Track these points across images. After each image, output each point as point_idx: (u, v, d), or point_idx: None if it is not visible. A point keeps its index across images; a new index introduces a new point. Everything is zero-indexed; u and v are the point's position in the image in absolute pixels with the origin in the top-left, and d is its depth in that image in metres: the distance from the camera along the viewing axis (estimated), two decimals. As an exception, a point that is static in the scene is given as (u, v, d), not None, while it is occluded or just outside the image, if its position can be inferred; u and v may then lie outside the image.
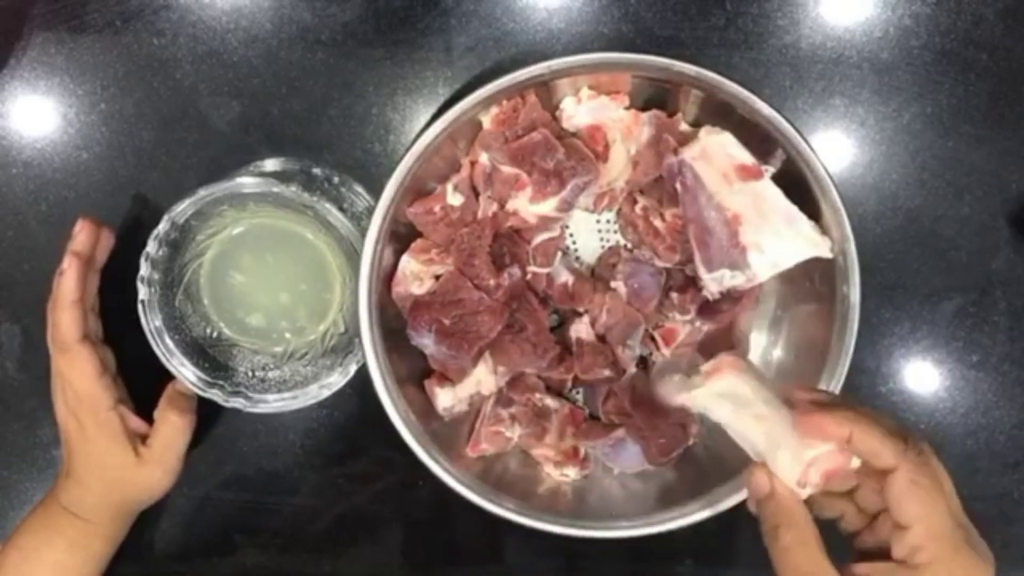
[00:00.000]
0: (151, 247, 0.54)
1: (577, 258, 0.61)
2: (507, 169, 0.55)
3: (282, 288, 0.60)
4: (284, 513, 0.65)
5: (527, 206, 0.55)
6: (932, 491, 0.38)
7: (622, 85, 0.56)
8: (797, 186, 0.52)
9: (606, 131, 0.56)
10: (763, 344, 0.60)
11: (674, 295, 0.58)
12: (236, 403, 0.56)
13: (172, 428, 0.57)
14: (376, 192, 0.53)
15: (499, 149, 0.54)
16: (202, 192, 0.53)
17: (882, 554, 0.40)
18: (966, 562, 0.38)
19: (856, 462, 0.40)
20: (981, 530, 0.41)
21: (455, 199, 0.56)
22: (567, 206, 0.55)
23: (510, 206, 0.56)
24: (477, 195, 0.57)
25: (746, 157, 0.52)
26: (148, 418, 0.58)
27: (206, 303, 0.60)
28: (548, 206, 0.55)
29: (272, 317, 0.60)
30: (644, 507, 0.56)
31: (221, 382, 0.57)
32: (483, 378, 0.58)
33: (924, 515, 0.38)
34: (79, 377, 0.54)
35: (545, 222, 0.56)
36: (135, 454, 0.56)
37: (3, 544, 0.57)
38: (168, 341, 0.56)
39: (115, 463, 0.56)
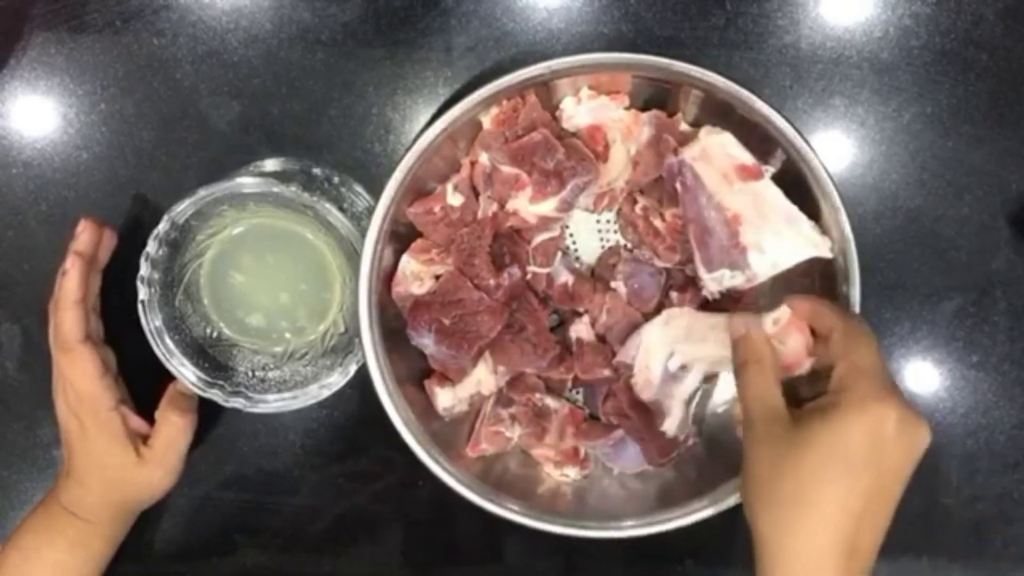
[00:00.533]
0: (151, 247, 0.54)
1: (577, 258, 0.61)
2: (507, 169, 0.55)
3: (282, 288, 0.60)
4: (284, 513, 0.65)
5: (527, 206, 0.55)
6: (862, 339, 0.45)
7: (622, 85, 0.56)
8: (797, 186, 0.52)
9: (606, 131, 0.56)
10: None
11: (674, 295, 0.58)
12: (236, 403, 0.56)
13: (173, 428, 0.57)
14: (376, 192, 0.53)
15: (499, 149, 0.54)
16: (202, 192, 0.53)
17: None
18: (882, 396, 0.42)
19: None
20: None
21: (455, 199, 0.56)
22: (567, 206, 0.55)
23: (510, 206, 0.56)
24: (477, 195, 0.57)
25: (746, 157, 0.52)
26: (149, 418, 0.58)
27: (206, 303, 0.60)
28: (548, 206, 0.55)
29: (272, 317, 0.60)
30: (644, 507, 0.56)
31: (221, 382, 0.57)
32: (483, 378, 0.58)
33: (852, 353, 0.44)
34: (80, 377, 0.54)
35: (545, 222, 0.56)
36: (136, 454, 0.56)
37: (3, 544, 0.57)
38: (168, 341, 0.56)
39: (116, 463, 0.56)
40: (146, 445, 0.57)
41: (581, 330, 0.59)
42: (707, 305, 0.57)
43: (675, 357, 0.54)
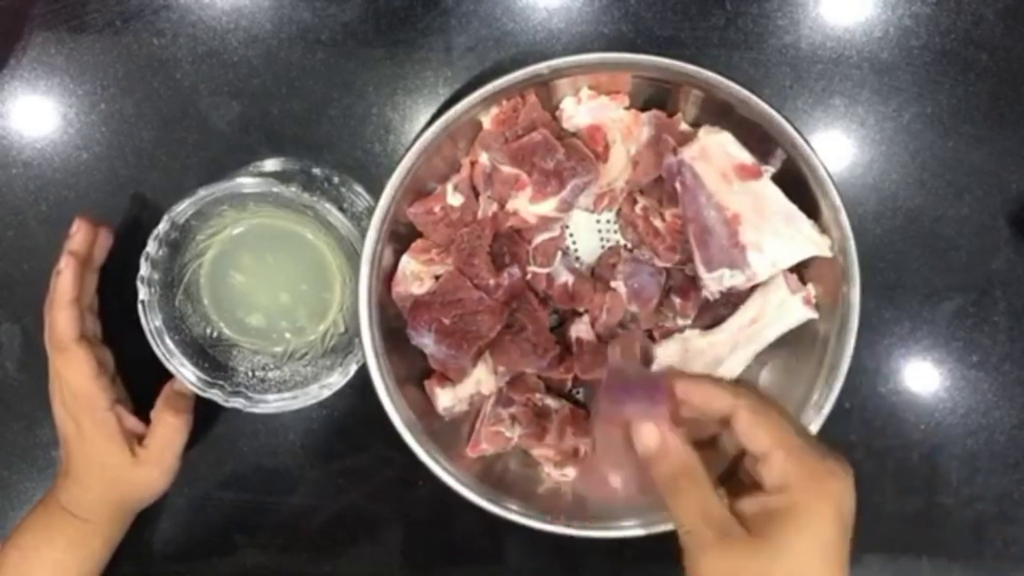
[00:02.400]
0: (151, 247, 0.54)
1: (577, 258, 0.61)
2: (507, 169, 0.55)
3: (282, 288, 0.60)
4: (284, 513, 0.65)
5: (527, 206, 0.55)
6: (775, 416, 0.41)
7: (622, 85, 0.56)
8: (797, 186, 0.52)
9: (606, 131, 0.56)
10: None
11: (675, 298, 0.58)
12: (236, 403, 0.56)
13: (168, 428, 0.57)
14: (376, 192, 0.53)
15: (499, 149, 0.54)
16: (202, 192, 0.53)
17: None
18: (830, 472, 0.40)
19: None
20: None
21: (455, 199, 0.56)
22: (567, 206, 0.55)
23: (510, 206, 0.56)
24: (477, 195, 0.57)
25: (746, 157, 0.52)
26: (149, 418, 0.58)
27: (206, 303, 0.60)
28: (548, 206, 0.55)
29: (272, 317, 0.60)
30: (644, 507, 0.56)
31: (221, 382, 0.57)
32: (483, 378, 0.58)
33: (777, 439, 0.40)
34: (76, 376, 0.54)
35: (545, 222, 0.56)
36: (132, 454, 0.56)
37: (3, 543, 0.57)
38: (168, 341, 0.56)
39: (112, 463, 0.56)
40: (142, 445, 0.57)
41: (581, 330, 0.59)
42: (705, 307, 0.57)
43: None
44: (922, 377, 0.64)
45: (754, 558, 0.39)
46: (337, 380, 0.56)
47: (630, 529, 0.54)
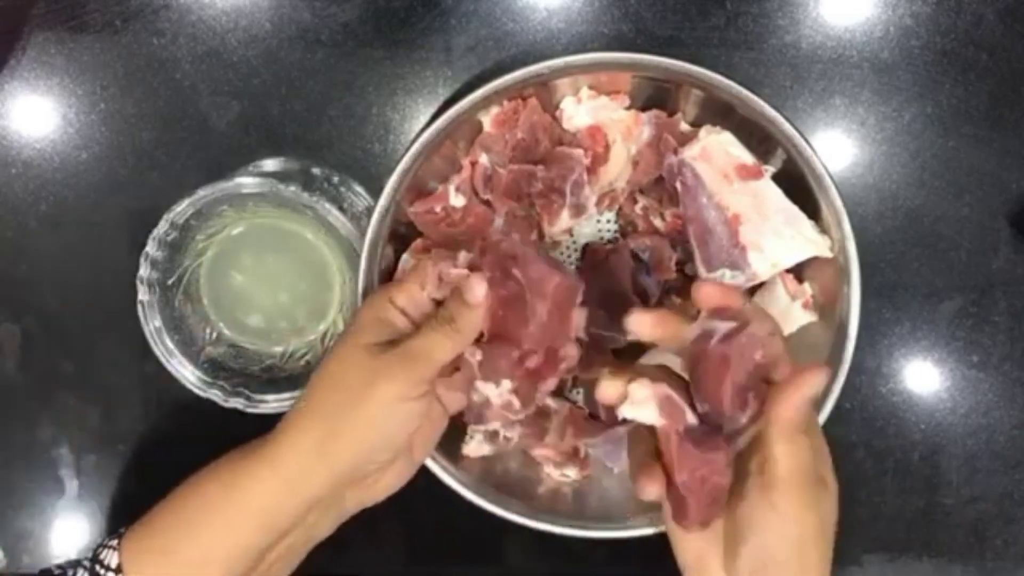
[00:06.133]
0: (150, 247, 0.54)
1: (579, 260, 0.61)
2: (518, 213, 0.56)
3: (282, 288, 0.60)
4: (284, 513, 0.65)
5: (549, 230, 0.57)
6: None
7: (622, 85, 0.56)
8: (797, 186, 0.52)
9: (606, 131, 0.56)
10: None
11: (675, 298, 0.58)
12: (236, 403, 0.56)
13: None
14: (376, 192, 0.53)
15: (502, 200, 0.56)
16: (202, 192, 0.53)
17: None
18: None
19: None
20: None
21: (457, 200, 0.56)
22: (579, 209, 0.55)
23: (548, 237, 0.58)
24: (478, 196, 0.57)
25: (746, 157, 0.52)
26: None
27: (206, 303, 0.60)
28: (565, 219, 0.56)
29: (272, 317, 0.60)
30: (644, 507, 0.56)
31: (221, 382, 0.57)
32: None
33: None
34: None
35: (569, 231, 0.58)
36: None
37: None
38: (168, 341, 0.56)
39: None
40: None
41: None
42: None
43: None
44: (922, 377, 0.64)
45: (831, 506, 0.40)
46: (337, 380, 0.56)
47: (630, 529, 0.54)
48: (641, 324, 0.41)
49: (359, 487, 0.46)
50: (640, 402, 0.40)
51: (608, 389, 0.41)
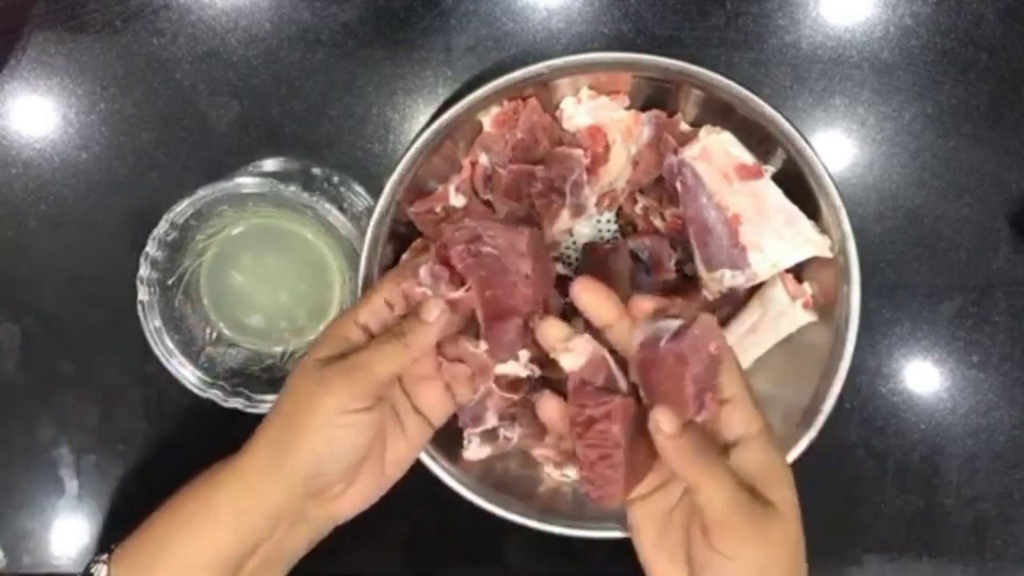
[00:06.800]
0: (150, 247, 0.54)
1: (578, 258, 0.61)
2: (519, 215, 0.56)
3: (282, 288, 0.60)
4: (284, 513, 0.65)
5: (550, 230, 0.57)
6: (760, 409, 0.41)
7: (622, 85, 0.56)
8: (797, 186, 0.52)
9: (606, 131, 0.56)
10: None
11: (675, 298, 0.58)
12: (236, 403, 0.56)
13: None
14: (376, 192, 0.53)
15: (502, 201, 0.55)
16: (201, 192, 0.53)
17: None
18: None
19: None
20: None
21: (457, 200, 0.56)
22: (579, 209, 0.55)
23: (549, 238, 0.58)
24: (478, 196, 0.57)
25: (746, 156, 0.52)
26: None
27: (205, 303, 0.60)
28: (565, 220, 0.56)
29: (272, 317, 0.60)
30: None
31: (221, 382, 0.57)
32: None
33: (766, 425, 0.41)
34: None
35: (570, 231, 0.58)
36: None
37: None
38: (168, 341, 0.56)
39: None
40: None
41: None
42: (705, 308, 0.57)
43: None
44: (922, 377, 0.64)
45: (781, 529, 0.39)
46: (337, 380, 0.56)
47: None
48: (582, 290, 0.42)
49: (322, 500, 0.46)
50: (576, 351, 0.41)
51: (552, 329, 0.43)
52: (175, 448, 0.64)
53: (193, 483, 0.47)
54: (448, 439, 0.57)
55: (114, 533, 0.63)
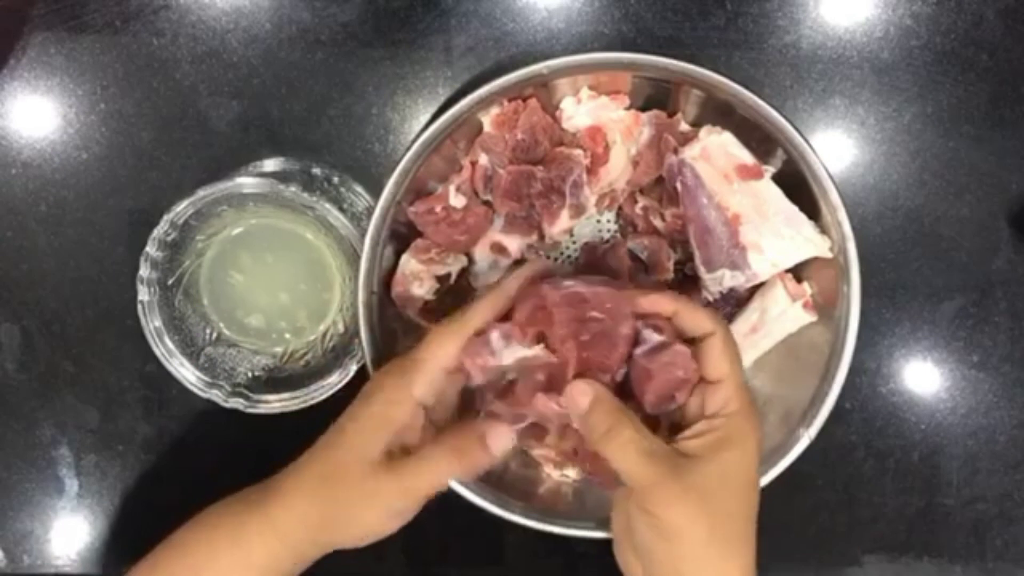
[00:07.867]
0: (150, 248, 0.54)
1: (577, 258, 0.61)
2: (518, 217, 0.56)
3: (282, 288, 0.60)
4: (284, 513, 0.65)
5: (550, 231, 0.56)
6: (735, 352, 0.44)
7: (622, 85, 0.56)
8: (797, 186, 0.52)
9: (606, 131, 0.56)
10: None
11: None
12: (236, 403, 0.56)
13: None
14: (376, 192, 0.53)
15: (502, 201, 0.55)
16: (201, 192, 0.53)
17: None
18: (755, 413, 0.43)
19: None
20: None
21: (458, 201, 0.56)
22: (579, 209, 0.55)
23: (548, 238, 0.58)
24: (478, 196, 0.57)
25: (746, 157, 0.52)
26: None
27: (206, 303, 0.60)
28: (565, 219, 0.56)
29: (272, 317, 0.60)
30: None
31: (221, 382, 0.57)
32: None
33: (733, 371, 0.43)
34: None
35: (569, 231, 0.58)
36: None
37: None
38: (168, 341, 0.56)
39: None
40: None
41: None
42: (708, 306, 0.57)
43: None
44: (923, 377, 0.64)
45: (702, 476, 0.41)
46: (337, 380, 0.56)
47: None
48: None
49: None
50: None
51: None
52: (175, 448, 0.64)
53: (219, 518, 0.49)
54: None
55: (114, 533, 0.64)
